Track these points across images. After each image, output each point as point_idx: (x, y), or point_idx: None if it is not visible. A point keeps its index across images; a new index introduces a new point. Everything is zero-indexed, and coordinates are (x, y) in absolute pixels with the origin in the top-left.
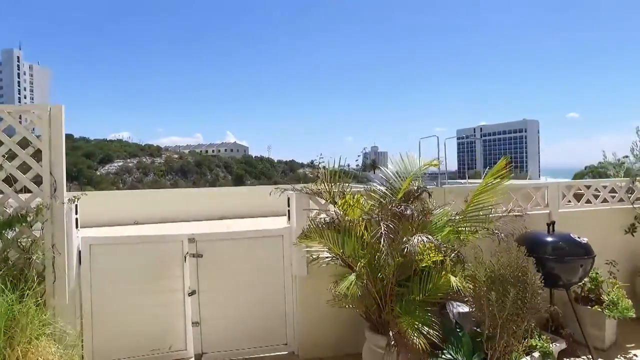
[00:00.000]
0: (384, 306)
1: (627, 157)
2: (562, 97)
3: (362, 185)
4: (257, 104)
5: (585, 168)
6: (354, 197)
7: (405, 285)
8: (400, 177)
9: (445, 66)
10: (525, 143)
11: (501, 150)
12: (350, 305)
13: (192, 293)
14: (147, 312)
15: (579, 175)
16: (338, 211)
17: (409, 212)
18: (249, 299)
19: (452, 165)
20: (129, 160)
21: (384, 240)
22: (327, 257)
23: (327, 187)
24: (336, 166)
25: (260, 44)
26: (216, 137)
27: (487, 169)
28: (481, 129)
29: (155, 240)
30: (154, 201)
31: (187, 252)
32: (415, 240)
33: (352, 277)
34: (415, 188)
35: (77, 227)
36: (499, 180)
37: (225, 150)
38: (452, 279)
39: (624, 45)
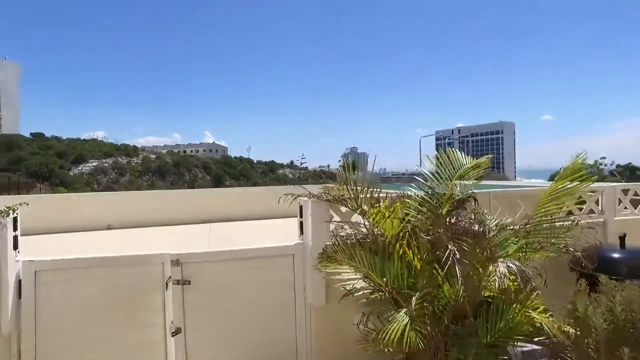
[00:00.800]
0: (436, 351)
1: (604, 158)
2: (536, 100)
3: (391, 190)
4: (236, 104)
5: (561, 169)
6: (390, 206)
7: (460, 322)
8: (441, 177)
9: (424, 68)
10: (502, 144)
11: (478, 151)
12: (389, 349)
13: (176, 332)
14: (116, 356)
15: (553, 176)
16: (367, 223)
17: (477, 227)
18: (251, 338)
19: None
20: (104, 160)
21: (458, 269)
22: (355, 284)
23: (351, 191)
24: (317, 167)
25: (241, 44)
26: (194, 137)
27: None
28: (459, 130)
29: (127, 263)
30: (130, 203)
31: (170, 278)
32: (502, 268)
33: (403, 317)
34: (459, 193)
35: (15, 247)
36: (578, 182)
37: (204, 150)
38: (537, 316)
39: (595, 49)
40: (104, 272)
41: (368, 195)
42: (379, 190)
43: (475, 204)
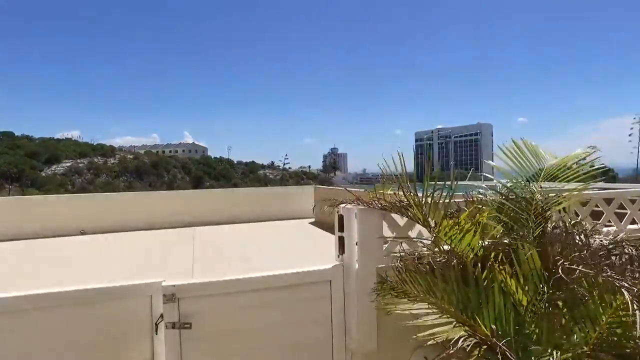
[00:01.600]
0: None
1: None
2: (513, 102)
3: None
4: (216, 104)
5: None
6: (474, 217)
7: None
8: (522, 176)
9: (401, 70)
10: (480, 145)
11: (457, 152)
12: None
13: None
14: None
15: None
16: (431, 240)
17: (603, 243)
18: None
19: (410, 166)
20: (79, 160)
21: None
22: (425, 320)
23: (412, 196)
24: (298, 167)
25: (220, 44)
26: (173, 137)
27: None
28: (439, 131)
29: (99, 299)
30: (106, 206)
31: (161, 319)
32: None
33: None
34: (541, 196)
35: None
36: None
37: (183, 151)
38: None
39: (568, 55)
40: (70, 314)
41: (440, 201)
42: (448, 193)
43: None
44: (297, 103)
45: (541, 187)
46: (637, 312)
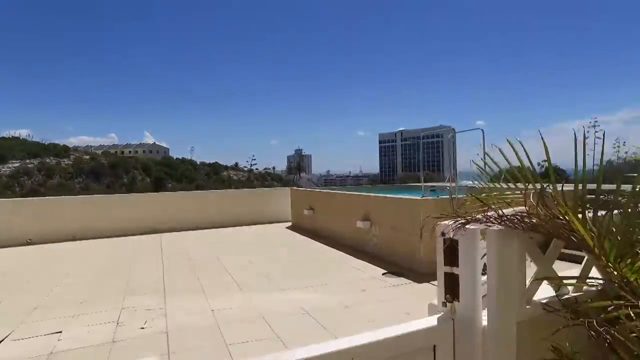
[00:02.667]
0: None
1: (545, 161)
2: (472, 105)
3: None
4: (178, 103)
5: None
6: None
7: None
8: None
9: (365, 73)
10: (442, 148)
11: (419, 153)
12: None
13: None
14: None
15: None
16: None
17: None
18: None
19: (374, 168)
20: (28, 161)
21: None
22: None
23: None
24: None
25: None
26: (133, 137)
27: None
28: (402, 133)
29: None
30: (58, 210)
31: None
32: None
33: None
34: None
35: None
36: None
37: (144, 151)
38: None
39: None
40: None
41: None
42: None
43: None
44: (262, 104)
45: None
46: None
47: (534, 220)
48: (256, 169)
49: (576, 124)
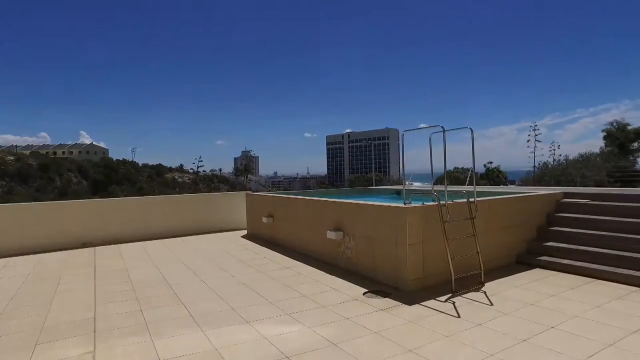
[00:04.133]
0: None
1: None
2: (415, 108)
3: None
4: (118, 101)
5: (446, 172)
6: None
7: None
8: None
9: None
10: (388, 150)
11: (367, 156)
12: None
13: None
14: None
15: (440, 179)
16: None
17: None
18: None
19: (322, 169)
20: None
21: None
22: None
23: None
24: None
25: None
26: (68, 137)
27: None
28: (349, 135)
29: None
30: None
31: None
32: None
33: None
34: None
35: None
36: None
37: (80, 152)
38: None
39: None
40: None
41: None
42: None
43: None
44: (208, 105)
45: None
46: None
47: None
48: (203, 171)
49: (507, 129)
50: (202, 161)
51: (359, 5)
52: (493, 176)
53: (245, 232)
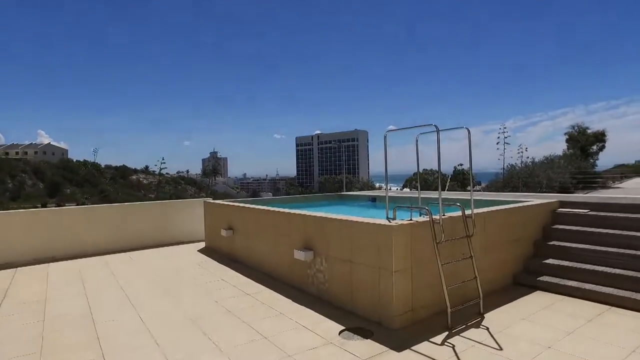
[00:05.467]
0: None
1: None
2: (383, 110)
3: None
4: (80, 98)
5: (414, 174)
6: None
7: None
8: None
9: (279, 77)
10: (357, 151)
11: (336, 157)
12: None
13: None
14: None
15: (409, 180)
16: None
17: None
18: None
19: (292, 171)
20: None
21: None
22: None
23: None
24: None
25: (84, 28)
26: (23, 136)
27: None
28: (318, 137)
29: None
30: None
31: None
32: None
33: None
34: None
35: None
36: None
37: (36, 152)
38: None
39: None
40: None
41: None
42: None
43: None
44: (175, 105)
45: None
46: None
47: None
48: (167, 173)
49: (473, 131)
50: (164, 162)
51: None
52: (461, 178)
53: (203, 244)
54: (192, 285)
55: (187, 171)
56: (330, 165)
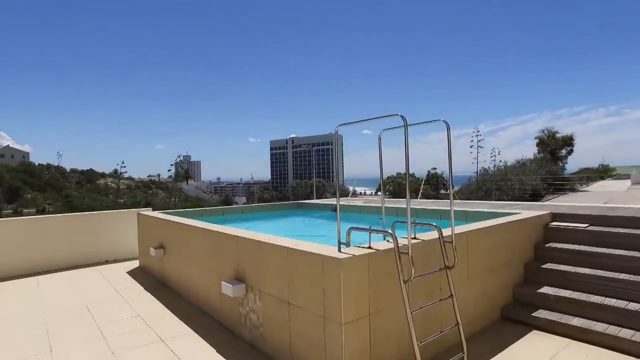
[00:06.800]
0: None
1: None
2: (359, 114)
3: None
4: (45, 99)
5: (387, 178)
6: None
7: None
8: None
9: (255, 80)
10: (332, 155)
11: (310, 161)
12: None
13: None
14: None
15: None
16: None
17: None
18: None
19: (266, 175)
20: None
21: None
22: None
23: None
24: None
25: (57, 26)
26: None
27: None
28: (293, 140)
29: None
30: None
31: None
32: None
33: None
34: None
35: None
36: None
37: None
38: None
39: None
40: None
41: None
42: None
43: None
44: (146, 107)
45: None
46: None
47: None
48: (129, 176)
49: (445, 135)
50: (124, 166)
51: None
52: (434, 182)
53: (137, 263)
54: (95, 332)
55: (159, 175)
56: (305, 169)
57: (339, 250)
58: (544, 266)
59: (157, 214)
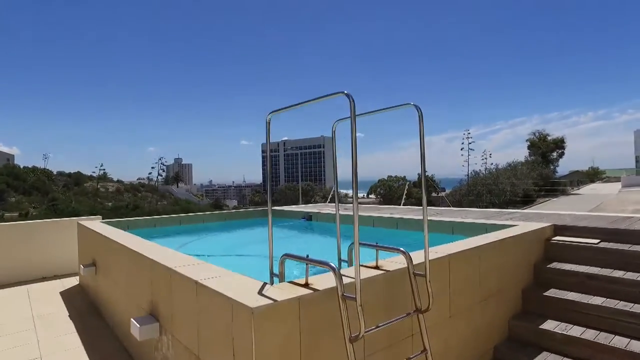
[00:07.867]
0: None
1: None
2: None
3: None
4: (30, 101)
5: (378, 181)
6: None
7: None
8: None
9: (246, 83)
10: (323, 158)
11: (302, 164)
12: None
13: None
14: None
15: (374, 187)
16: None
17: None
18: None
19: (257, 178)
20: None
21: None
22: None
23: None
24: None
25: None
26: None
27: None
28: (284, 143)
29: None
30: None
31: None
32: None
33: None
34: None
35: None
36: None
37: None
38: None
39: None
40: None
41: None
42: None
43: None
44: (138, 109)
45: None
46: None
47: None
48: (114, 178)
49: (436, 138)
50: (104, 168)
51: None
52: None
53: (77, 281)
54: None
55: (149, 178)
56: (296, 172)
57: (259, 292)
58: (546, 293)
59: (93, 224)
